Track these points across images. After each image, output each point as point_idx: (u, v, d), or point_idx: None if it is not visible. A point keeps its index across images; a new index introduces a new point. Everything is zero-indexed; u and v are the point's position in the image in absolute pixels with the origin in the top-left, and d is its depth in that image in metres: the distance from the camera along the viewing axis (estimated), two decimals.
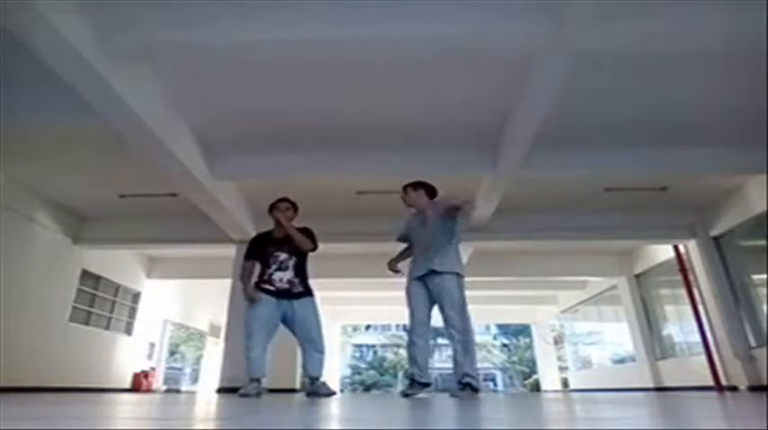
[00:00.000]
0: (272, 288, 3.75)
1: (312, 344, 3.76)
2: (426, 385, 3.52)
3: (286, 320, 3.78)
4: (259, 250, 3.92)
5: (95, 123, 4.08)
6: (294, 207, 4.00)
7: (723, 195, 6.51)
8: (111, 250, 8.05)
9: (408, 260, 3.85)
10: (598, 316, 11.73)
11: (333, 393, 3.80)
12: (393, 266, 3.90)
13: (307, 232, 3.93)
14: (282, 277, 3.78)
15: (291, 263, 3.84)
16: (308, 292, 3.85)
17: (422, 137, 5.05)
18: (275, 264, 3.82)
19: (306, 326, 3.76)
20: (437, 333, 4.45)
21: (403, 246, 3.98)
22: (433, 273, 3.51)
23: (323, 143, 5.15)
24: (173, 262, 9.58)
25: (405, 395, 3.43)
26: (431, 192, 3.82)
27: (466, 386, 3.27)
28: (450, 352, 3.63)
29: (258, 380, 3.61)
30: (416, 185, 3.83)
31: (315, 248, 3.93)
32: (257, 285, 3.78)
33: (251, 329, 3.66)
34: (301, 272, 3.88)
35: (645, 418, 1.55)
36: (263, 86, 4.26)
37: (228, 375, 6.45)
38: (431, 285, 3.53)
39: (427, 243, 3.61)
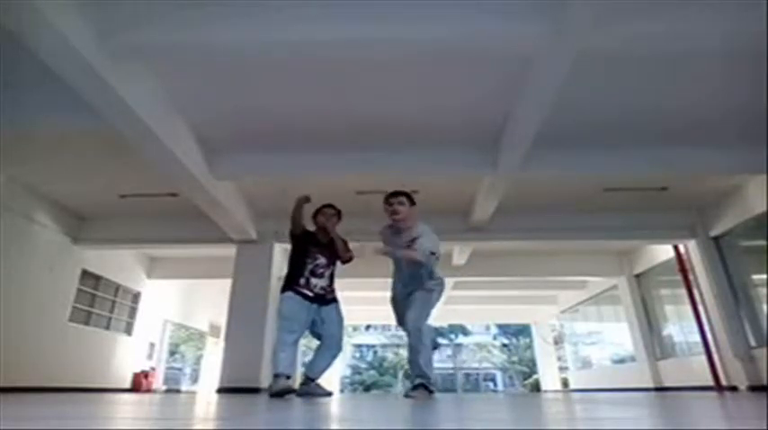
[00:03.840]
0: (310, 294, 3.76)
1: (332, 345, 3.80)
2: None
3: (313, 324, 3.81)
4: (302, 241, 3.91)
5: (95, 123, 4.07)
6: (339, 214, 4.04)
7: (723, 195, 6.50)
8: (111, 250, 8.03)
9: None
10: (598, 316, 11.72)
11: (329, 393, 3.81)
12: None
13: (347, 246, 3.99)
14: (317, 284, 3.81)
15: (328, 272, 3.90)
16: (335, 299, 3.93)
17: (422, 137, 5.04)
18: (312, 265, 3.82)
19: (331, 326, 3.82)
20: (437, 333, 4.47)
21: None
22: None
23: (323, 143, 5.15)
24: (173, 262, 9.57)
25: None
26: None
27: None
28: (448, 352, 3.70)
29: (288, 378, 3.55)
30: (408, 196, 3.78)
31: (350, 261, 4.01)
32: (294, 288, 3.75)
33: (292, 326, 3.66)
34: (332, 280, 3.95)
35: (645, 418, 1.55)
36: (263, 86, 4.25)
37: (228, 375, 6.45)
38: None
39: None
